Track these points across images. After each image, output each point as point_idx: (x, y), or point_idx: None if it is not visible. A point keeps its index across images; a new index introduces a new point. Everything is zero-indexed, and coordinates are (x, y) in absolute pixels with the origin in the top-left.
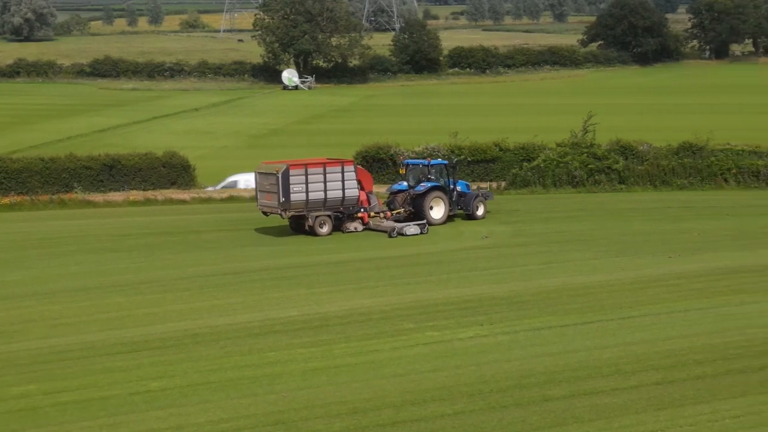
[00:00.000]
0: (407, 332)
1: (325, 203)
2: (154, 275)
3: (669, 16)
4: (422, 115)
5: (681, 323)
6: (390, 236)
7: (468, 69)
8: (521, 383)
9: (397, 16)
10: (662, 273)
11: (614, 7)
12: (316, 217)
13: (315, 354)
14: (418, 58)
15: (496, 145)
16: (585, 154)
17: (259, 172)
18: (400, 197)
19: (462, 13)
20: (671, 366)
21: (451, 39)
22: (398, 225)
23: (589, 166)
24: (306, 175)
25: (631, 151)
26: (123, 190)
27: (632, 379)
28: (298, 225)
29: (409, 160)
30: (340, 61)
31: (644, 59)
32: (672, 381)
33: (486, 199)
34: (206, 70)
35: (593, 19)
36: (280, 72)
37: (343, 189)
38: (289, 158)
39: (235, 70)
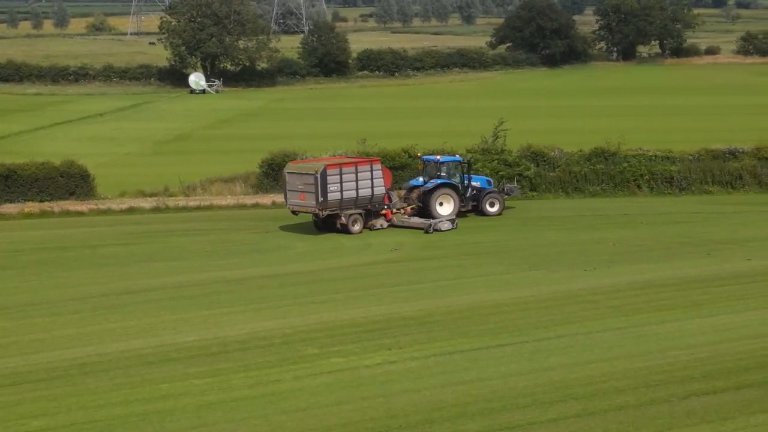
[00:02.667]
0: (310, 359)
1: (356, 201)
2: (45, 295)
3: (576, 17)
4: (332, 119)
5: (600, 345)
6: (426, 232)
7: (377, 72)
8: (432, 417)
9: (306, 19)
10: (578, 288)
11: (522, 9)
12: (350, 215)
13: (211, 385)
14: (327, 61)
15: (405, 152)
16: (496, 161)
17: (290, 173)
18: (414, 193)
19: (371, 16)
20: (591, 395)
21: (360, 41)
22: (433, 221)
23: (500, 173)
24: (341, 174)
25: (543, 157)
26: (19, 201)
27: (550, 410)
28: (327, 224)
29: (426, 157)
30: (247, 64)
31: (552, 61)
32: (593, 413)
33: (509, 194)
34: (112, 74)
35: (501, 21)
36: (187, 75)
37: (372, 187)
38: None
39: (141, 74)
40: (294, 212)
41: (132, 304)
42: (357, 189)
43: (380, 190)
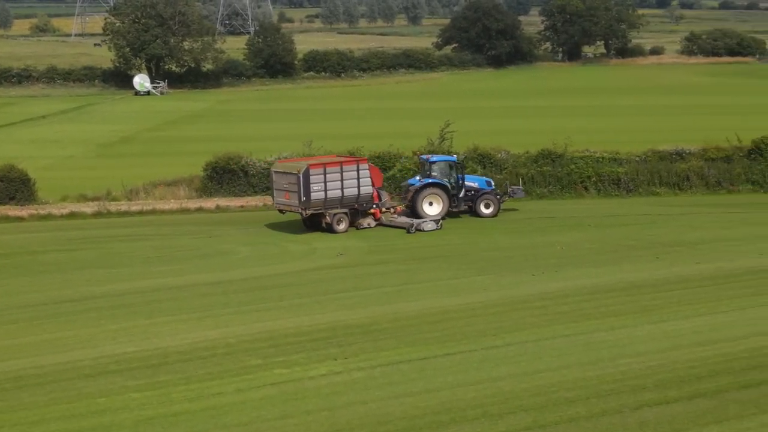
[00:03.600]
0: (253, 370)
1: (341, 201)
2: None
3: (522, 18)
4: (278, 121)
5: (549, 353)
6: (408, 232)
7: (323, 73)
8: (378, 431)
9: (252, 20)
10: (526, 293)
11: (468, 9)
12: (334, 214)
13: (151, 399)
14: (273, 62)
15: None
16: None
17: (276, 171)
18: (409, 193)
19: (317, 16)
20: (542, 406)
21: (306, 42)
22: (416, 221)
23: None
24: (324, 174)
25: (489, 160)
26: None
27: (500, 423)
28: (314, 223)
29: (423, 156)
30: (193, 65)
31: (498, 62)
32: (543, 425)
33: (512, 196)
34: (55, 76)
35: (447, 21)
36: (132, 77)
37: (359, 186)
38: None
39: (86, 76)
40: (281, 211)
41: (71, 313)
42: (342, 188)
43: (367, 189)
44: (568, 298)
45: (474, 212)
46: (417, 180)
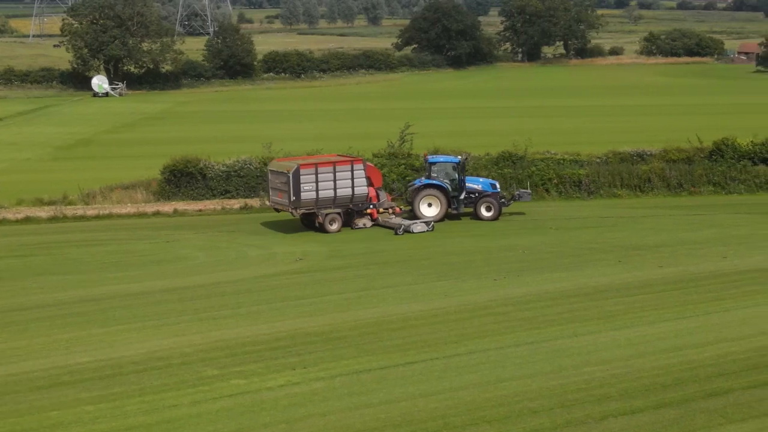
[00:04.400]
0: (210, 381)
1: (335, 201)
2: None
3: (482, 18)
4: (237, 122)
5: (512, 361)
6: (396, 233)
7: (283, 74)
8: None
9: (211, 20)
10: (488, 299)
11: (428, 10)
12: (327, 214)
13: (104, 412)
14: (232, 63)
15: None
16: (402, 166)
17: (271, 170)
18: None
19: (277, 17)
20: (505, 417)
21: (265, 43)
22: (405, 223)
23: (407, 178)
24: (316, 174)
25: None
26: None
27: None
28: (309, 221)
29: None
30: (151, 66)
31: (458, 62)
32: None
33: (518, 199)
34: (12, 77)
35: (407, 22)
36: (90, 78)
37: (353, 187)
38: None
39: (43, 77)
40: (276, 209)
41: (24, 322)
42: (335, 189)
43: (362, 190)
44: (531, 304)
45: (475, 215)
46: (420, 181)
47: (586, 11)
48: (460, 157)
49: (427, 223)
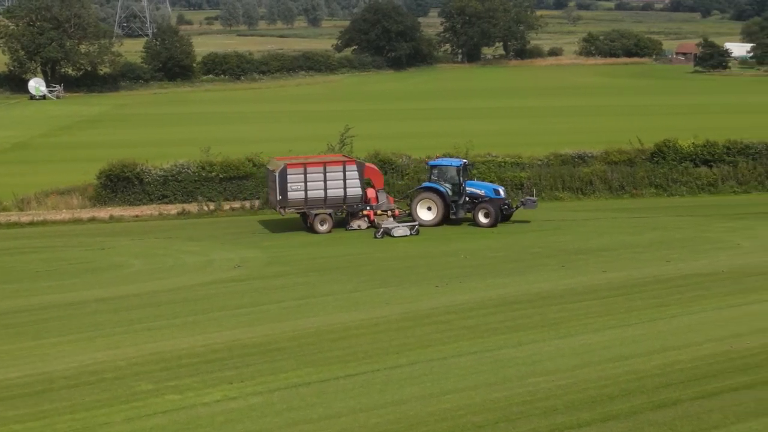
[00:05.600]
0: (144, 396)
1: (326, 201)
2: None
3: (421, 20)
4: (176, 125)
5: (455, 373)
6: (375, 237)
7: (223, 76)
8: None
9: (150, 22)
10: (430, 307)
11: (367, 11)
12: (316, 215)
13: (33, 430)
14: (171, 65)
15: (249, 161)
16: None
17: (268, 169)
18: None
19: (216, 18)
20: None
21: (205, 45)
22: (387, 225)
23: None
24: (305, 173)
25: (390, 165)
26: None
27: None
28: (306, 221)
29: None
30: (89, 69)
31: (398, 64)
32: None
33: (522, 206)
34: None
35: (347, 23)
36: (27, 81)
37: (345, 188)
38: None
39: None
40: (272, 207)
41: None
42: (325, 189)
43: (355, 191)
44: (474, 312)
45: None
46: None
47: (525, 12)
48: (464, 160)
49: (411, 227)
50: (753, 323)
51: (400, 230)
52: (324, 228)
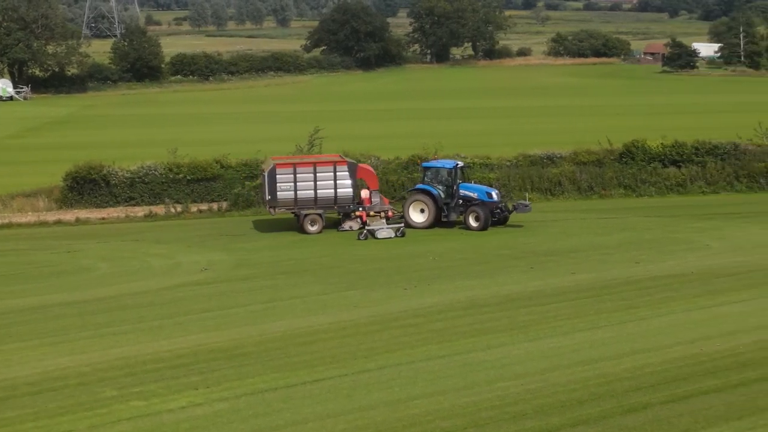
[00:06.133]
0: (108, 402)
1: (316, 202)
2: None
3: (390, 20)
4: (144, 126)
5: (424, 377)
6: (358, 239)
7: (191, 76)
8: None
9: (118, 23)
10: (399, 310)
11: (336, 11)
12: (306, 215)
13: None
14: (139, 66)
15: (217, 162)
16: None
17: (261, 168)
18: None
19: (185, 19)
20: None
21: (173, 45)
22: (370, 226)
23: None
24: (294, 173)
25: None
26: None
27: None
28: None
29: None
30: (57, 70)
31: (367, 64)
32: None
33: (514, 211)
34: None
35: (316, 24)
36: None
37: (335, 189)
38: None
39: None
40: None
41: None
42: (315, 189)
43: (346, 192)
44: (442, 314)
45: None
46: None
47: (494, 12)
48: (458, 162)
49: (396, 228)
50: (722, 325)
51: (384, 232)
52: (314, 229)
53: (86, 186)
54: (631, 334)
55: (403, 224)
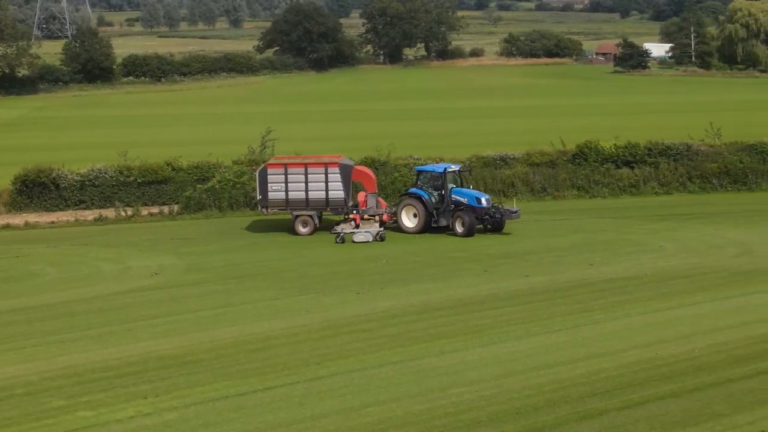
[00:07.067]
0: (55, 413)
1: (307, 203)
2: None
3: (343, 21)
4: (95, 128)
5: (377, 384)
6: (335, 242)
7: (143, 77)
8: None
9: (70, 23)
10: (351, 314)
11: (289, 12)
12: (297, 216)
13: None
14: (91, 67)
15: (168, 165)
16: None
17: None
18: None
19: (137, 20)
20: None
21: (125, 46)
22: (349, 230)
23: None
24: (285, 174)
25: None
26: None
27: None
28: None
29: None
30: (7, 71)
31: (320, 65)
32: None
33: (502, 217)
34: None
35: (269, 24)
36: None
37: (327, 190)
38: None
39: None
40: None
41: None
42: (306, 190)
43: (338, 194)
44: (395, 319)
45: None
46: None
47: (446, 13)
48: (451, 165)
49: (375, 233)
50: (677, 328)
51: (361, 236)
52: (305, 230)
53: (35, 189)
54: (586, 338)
55: (383, 228)
